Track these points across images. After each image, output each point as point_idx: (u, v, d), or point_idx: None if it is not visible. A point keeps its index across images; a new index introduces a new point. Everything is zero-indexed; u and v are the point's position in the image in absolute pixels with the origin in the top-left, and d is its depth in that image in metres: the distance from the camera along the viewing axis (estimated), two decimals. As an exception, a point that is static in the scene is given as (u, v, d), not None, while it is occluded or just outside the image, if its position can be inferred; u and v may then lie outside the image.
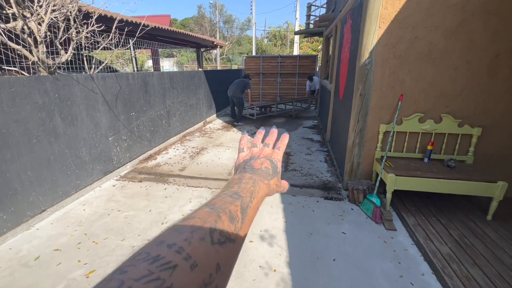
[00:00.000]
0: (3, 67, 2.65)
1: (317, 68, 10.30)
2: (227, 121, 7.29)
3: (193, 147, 4.91)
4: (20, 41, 2.58)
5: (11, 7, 2.47)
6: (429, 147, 2.74)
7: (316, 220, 2.59)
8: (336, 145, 4.12)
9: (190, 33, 7.86)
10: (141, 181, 3.45)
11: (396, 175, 2.50)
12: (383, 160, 2.70)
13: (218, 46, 11.30)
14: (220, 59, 24.98)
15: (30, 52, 2.56)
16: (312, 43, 26.48)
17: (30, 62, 2.59)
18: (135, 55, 4.60)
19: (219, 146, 5.02)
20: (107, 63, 3.96)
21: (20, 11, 2.35)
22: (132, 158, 3.91)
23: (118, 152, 3.59)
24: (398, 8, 2.48)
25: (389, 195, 2.62)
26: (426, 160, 2.77)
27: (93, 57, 3.92)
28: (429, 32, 2.51)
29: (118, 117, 3.55)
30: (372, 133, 2.90)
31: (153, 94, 4.36)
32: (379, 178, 2.74)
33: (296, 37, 19.95)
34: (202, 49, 11.26)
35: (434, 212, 2.61)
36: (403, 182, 2.50)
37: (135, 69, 5.20)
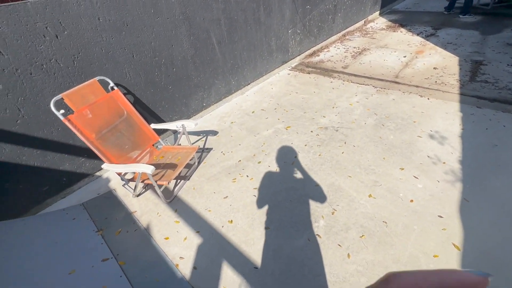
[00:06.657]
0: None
1: None
2: (393, 20, 6.19)
3: (354, 47, 4.77)
4: None
5: None
6: None
7: (507, 135, 2.30)
8: None
9: None
10: (309, 73, 3.96)
11: None
12: None
13: None
14: None
15: None
16: None
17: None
18: None
19: (383, 47, 4.62)
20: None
21: None
22: (301, 52, 4.38)
23: (293, 45, 4.10)
24: None
25: None
26: None
27: None
28: None
29: (297, 9, 3.85)
30: None
31: (327, -15, 4.23)
32: None
33: None
34: None
35: None
36: None
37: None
